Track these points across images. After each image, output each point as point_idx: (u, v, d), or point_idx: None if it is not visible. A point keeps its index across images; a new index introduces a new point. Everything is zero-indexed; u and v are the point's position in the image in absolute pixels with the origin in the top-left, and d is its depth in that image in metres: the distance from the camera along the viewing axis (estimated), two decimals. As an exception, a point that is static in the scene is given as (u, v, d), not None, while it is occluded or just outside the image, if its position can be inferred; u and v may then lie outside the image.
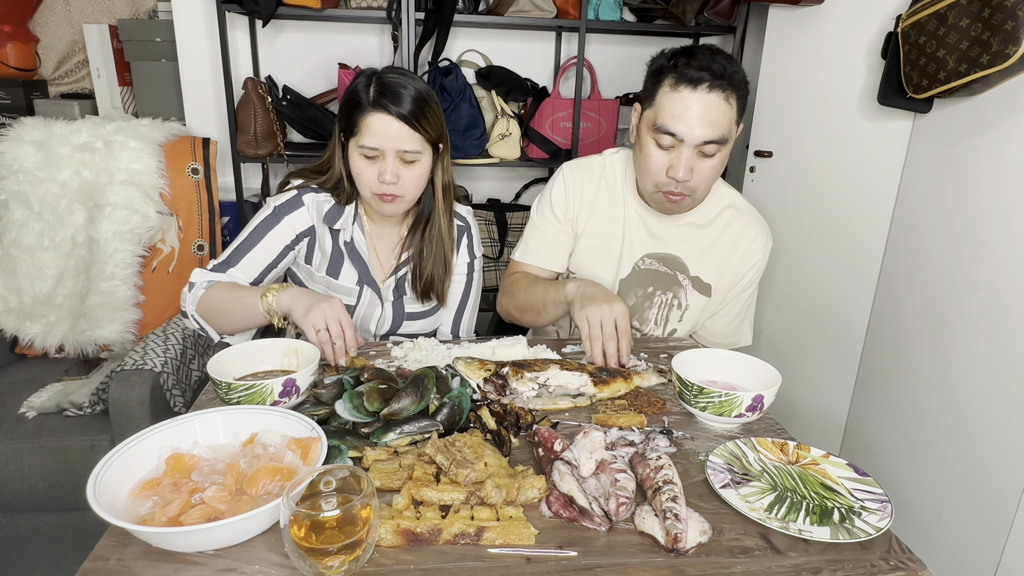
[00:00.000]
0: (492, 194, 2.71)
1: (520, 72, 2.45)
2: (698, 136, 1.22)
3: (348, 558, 0.64)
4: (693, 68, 1.20)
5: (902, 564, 0.75)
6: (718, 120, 1.21)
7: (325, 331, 1.11)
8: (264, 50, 2.42)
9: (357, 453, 0.89)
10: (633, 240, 1.43)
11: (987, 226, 1.75)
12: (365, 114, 1.24)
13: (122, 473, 0.77)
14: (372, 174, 1.27)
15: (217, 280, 1.28)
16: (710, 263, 1.43)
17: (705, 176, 1.27)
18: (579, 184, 1.44)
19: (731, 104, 1.22)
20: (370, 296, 1.41)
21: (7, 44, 2.23)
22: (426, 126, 1.26)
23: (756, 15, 2.25)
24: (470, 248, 1.48)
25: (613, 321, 1.18)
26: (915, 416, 1.99)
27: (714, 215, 1.42)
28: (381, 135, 1.24)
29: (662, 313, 1.46)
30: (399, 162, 1.27)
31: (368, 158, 1.27)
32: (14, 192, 1.89)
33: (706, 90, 1.20)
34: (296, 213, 1.34)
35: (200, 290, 1.26)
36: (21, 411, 1.65)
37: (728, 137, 1.24)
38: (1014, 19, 1.50)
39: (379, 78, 1.27)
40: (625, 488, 0.81)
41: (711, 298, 1.45)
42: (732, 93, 1.22)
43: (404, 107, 1.23)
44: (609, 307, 1.18)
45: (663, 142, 1.25)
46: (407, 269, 1.43)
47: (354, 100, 1.26)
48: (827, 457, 0.94)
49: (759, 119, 2.25)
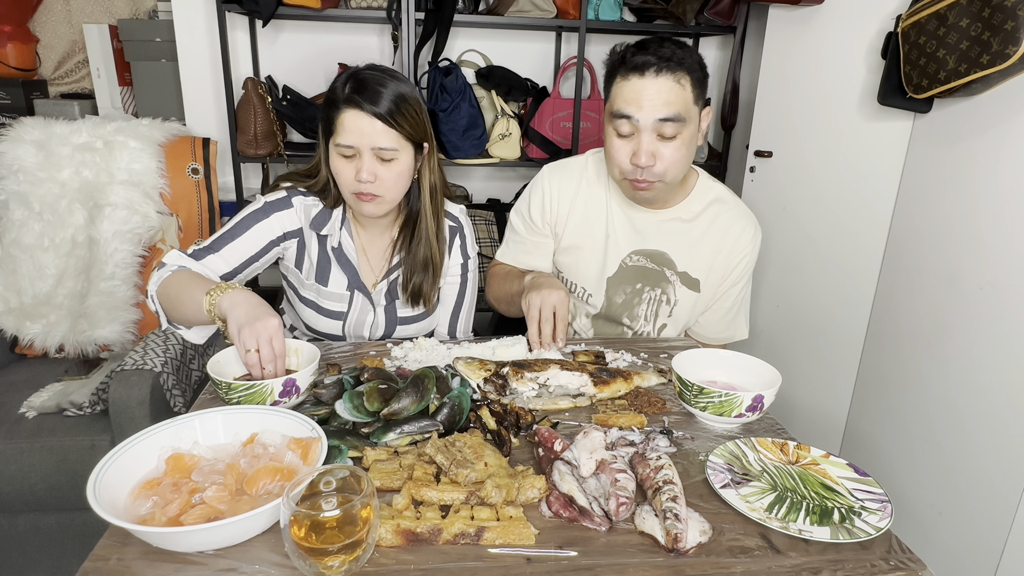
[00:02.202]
0: (492, 194, 2.71)
1: (520, 72, 2.45)
2: (651, 116, 1.23)
3: (348, 558, 0.64)
4: (639, 56, 1.24)
5: (902, 564, 0.75)
6: (670, 100, 1.23)
7: (255, 353, 0.99)
8: (264, 50, 2.42)
9: (357, 453, 0.89)
10: (618, 237, 1.44)
11: (987, 226, 1.75)
12: (340, 111, 1.22)
13: (122, 473, 0.77)
14: (350, 173, 1.25)
15: (188, 266, 1.23)
16: (698, 258, 1.43)
17: (670, 159, 1.27)
18: (556, 188, 1.46)
19: (683, 85, 1.24)
20: (361, 302, 1.39)
21: (7, 44, 2.23)
22: (402, 122, 1.23)
23: (756, 15, 2.26)
24: (463, 249, 1.45)
25: (551, 307, 1.24)
26: (915, 416, 1.99)
27: (700, 209, 1.42)
28: (355, 132, 1.22)
29: (651, 309, 1.46)
30: (376, 160, 1.24)
31: (345, 157, 1.24)
32: (14, 192, 1.89)
33: (654, 74, 1.22)
34: (286, 212, 1.32)
35: (167, 272, 1.21)
36: (21, 411, 1.65)
37: (685, 116, 1.25)
38: (1014, 19, 1.50)
39: (355, 75, 1.24)
40: (625, 488, 0.81)
41: (700, 293, 1.45)
42: (684, 75, 1.23)
43: (378, 103, 1.21)
44: (548, 292, 1.25)
45: (621, 129, 1.27)
46: (397, 274, 1.41)
47: (331, 99, 1.25)
48: (827, 457, 0.94)
49: (759, 119, 2.25)
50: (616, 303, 1.47)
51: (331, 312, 1.38)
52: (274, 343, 1.00)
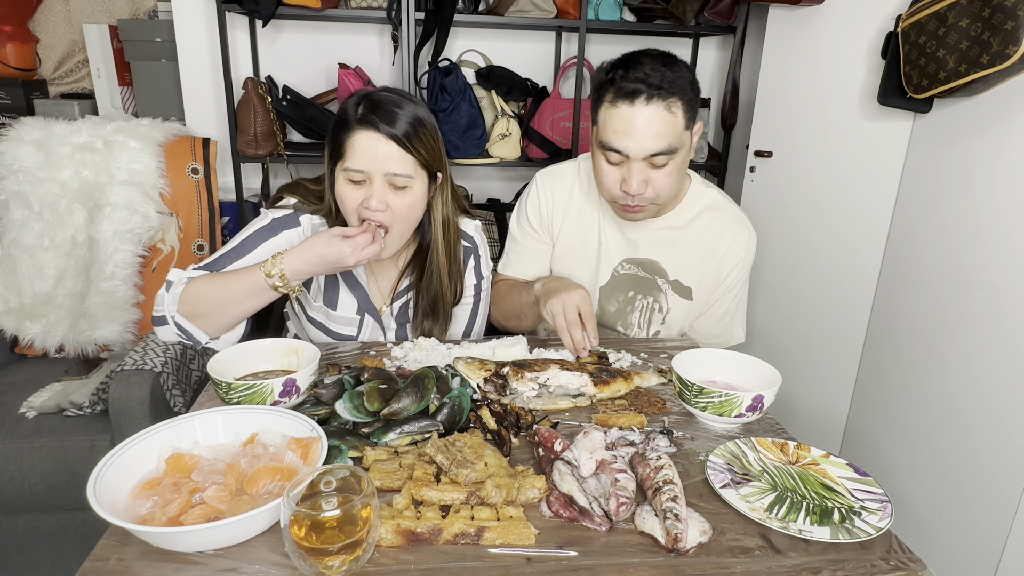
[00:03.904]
0: (492, 194, 2.71)
1: (520, 72, 2.45)
2: (642, 150, 1.20)
3: (348, 558, 0.64)
4: (629, 81, 1.18)
5: (902, 564, 0.75)
6: (662, 131, 1.19)
7: (353, 238, 1.10)
8: (264, 50, 2.42)
9: (357, 453, 0.89)
10: (610, 246, 1.43)
11: (987, 226, 1.75)
12: (351, 133, 1.15)
13: (122, 473, 0.77)
14: (357, 199, 1.16)
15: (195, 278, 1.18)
16: (689, 266, 1.42)
17: (662, 185, 1.25)
18: (550, 192, 1.44)
19: (674, 112, 1.19)
20: (372, 325, 1.36)
21: (7, 44, 2.23)
22: (419, 147, 1.16)
23: (756, 15, 2.25)
24: (477, 270, 1.41)
25: (575, 308, 1.19)
26: (915, 416, 1.99)
27: (691, 217, 1.41)
28: (367, 155, 1.14)
29: (644, 317, 1.46)
30: (388, 188, 1.16)
31: (354, 182, 1.16)
32: (14, 192, 1.89)
33: (644, 103, 1.17)
34: (294, 231, 1.26)
35: (179, 287, 1.15)
36: (21, 411, 1.65)
37: (676, 146, 1.21)
38: (1014, 19, 1.50)
39: (370, 96, 1.18)
40: (625, 488, 0.81)
41: (693, 301, 1.44)
42: (675, 100, 1.19)
43: (394, 125, 1.14)
44: (568, 295, 1.19)
45: (611, 159, 1.24)
46: (407, 296, 1.37)
47: (341, 120, 1.17)
48: (827, 457, 0.94)
49: (759, 119, 2.25)
50: (609, 312, 1.47)
51: (340, 336, 1.35)
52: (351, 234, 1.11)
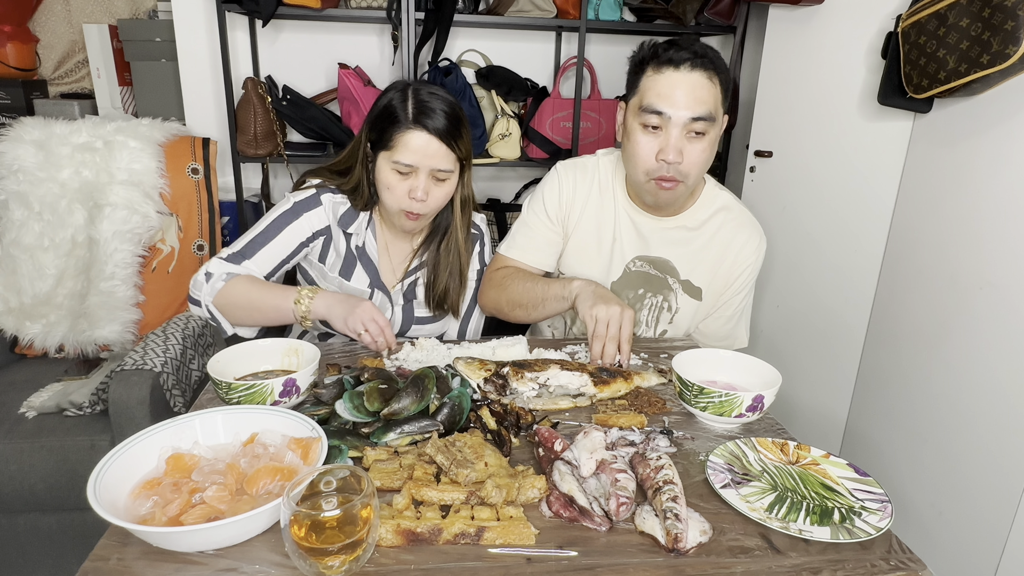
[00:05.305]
0: (492, 194, 2.71)
1: (520, 72, 2.44)
2: (685, 113, 1.22)
3: (348, 558, 0.64)
4: (674, 51, 1.22)
5: (902, 564, 0.75)
6: (703, 97, 1.22)
7: (366, 333, 1.18)
8: (264, 50, 2.42)
9: (357, 453, 0.89)
10: (624, 242, 1.42)
11: (987, 226, 1.75)
12: (403, 130, 1.25)
13: (122, 473, 0.77)
14: (403, 190, 1.28)
15: (235, 273, 1.27)
16: (701, 267, 1.42)
17: (695, 160, 1.26)
18: (572, 183, 1.44)
19: (715, 84, 1.23)
20: (381, 299, 1.43)
21: (7, 44, 2.23)
22: (460, 144, 1.28)
23: (756, 15, 2.25)
24: (481, 256, 1.51)
25: (619, 324, 1.20)
26: (915, 416, 1.99)
27: (706, 217, 1.41)
28: (418, 153, 1.25)
29: (652, 315, 1.45)
30: (431, 180, 1.28)
31: (401, 174, 1.27)
32: (14, 192, 1.89)
33: (688, 68, 1.21)
34: (315, 211, 1.34)
35: (219, 282, 1.25)
36: (21, 411, 1.65)
37: (715, 116, 1.24)
38: (1014, 19, 1.50)
39: (416, 94, 1.27)
40: (625, 488, 0.81)
41: (702, 302, 1.44)
42: (715, 74, 1.23)
43: (442, 125, 1.25)
44: (620, 310, 1.20)
45: (650, 122, 1.25)
46: (417, 275, 1.45)
47: (390, 114, 1.26)
48: (827, 457, 0.94)
49: (759, 119, 2.25)
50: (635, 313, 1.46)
51: None
52: (377, 320, 1.19)
